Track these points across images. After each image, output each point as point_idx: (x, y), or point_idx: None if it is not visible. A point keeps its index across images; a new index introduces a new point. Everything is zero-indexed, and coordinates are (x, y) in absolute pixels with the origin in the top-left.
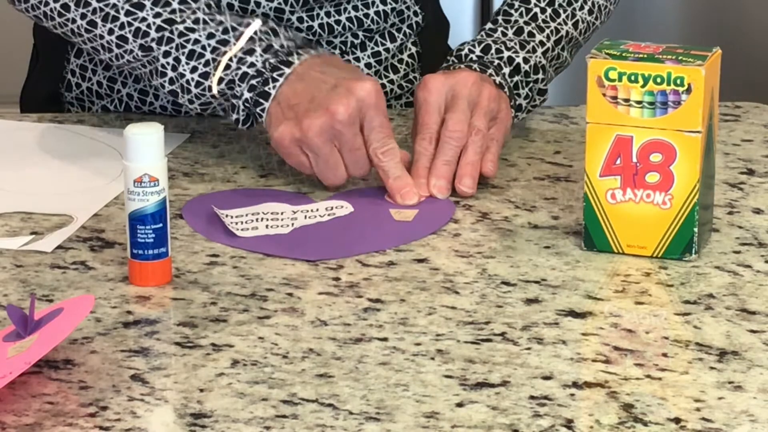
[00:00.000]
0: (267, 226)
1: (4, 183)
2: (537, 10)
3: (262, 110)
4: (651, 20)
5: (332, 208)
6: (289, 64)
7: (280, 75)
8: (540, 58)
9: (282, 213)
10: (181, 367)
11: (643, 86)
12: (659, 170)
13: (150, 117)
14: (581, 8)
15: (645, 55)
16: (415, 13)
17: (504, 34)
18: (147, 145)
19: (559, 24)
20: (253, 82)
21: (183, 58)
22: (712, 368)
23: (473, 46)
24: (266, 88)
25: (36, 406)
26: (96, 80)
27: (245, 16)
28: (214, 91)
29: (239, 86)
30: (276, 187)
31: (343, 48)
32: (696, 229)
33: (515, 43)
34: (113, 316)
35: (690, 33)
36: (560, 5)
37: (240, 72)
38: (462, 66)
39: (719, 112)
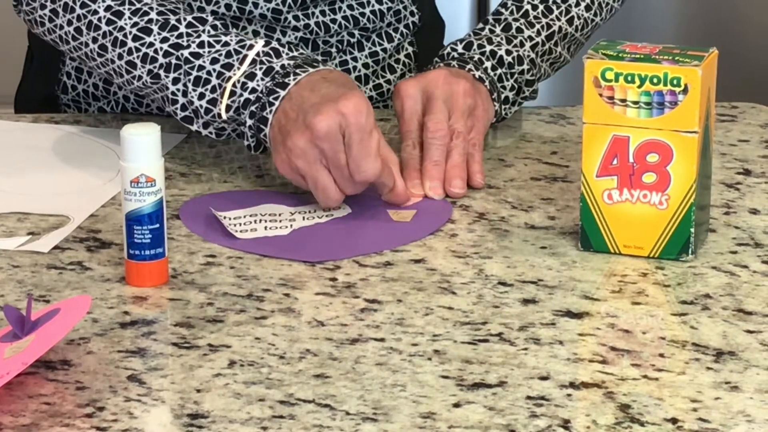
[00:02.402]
0: (266, 228)
1: (0, 183)
2: (528, 7)
3: (265, 136)
4: (648, 21)
5: (330, 209)
6: (284, 86)
7: (276, 98)
8: (528, 51)
9: (280, 214)
10: (178, 367)
11: (639, 86)
12: (656, 170)
13: (147, 117)
14: (577, 5)
15: (642, 56)
16: (412, 13)
17: (491, 32)
18: (144, 145)
19: (552, 20)
20: (253, 108)
21: (190, 85)
22: (708, 368)
23: (455, 44)
24: (264, 113)
25: (33, 407)
26: (92, 82)
27: (249, 37)
28: (224, 117)
29: (243, 113)
30: (273, 188)
31: (340, 47)
32: (693, 230)
33: (501, 39)
34: (110, 317)
35: (686, 33)
36: (554, 2)
37: (243, 99)
38: (442, 65)
39: (716, 113)
